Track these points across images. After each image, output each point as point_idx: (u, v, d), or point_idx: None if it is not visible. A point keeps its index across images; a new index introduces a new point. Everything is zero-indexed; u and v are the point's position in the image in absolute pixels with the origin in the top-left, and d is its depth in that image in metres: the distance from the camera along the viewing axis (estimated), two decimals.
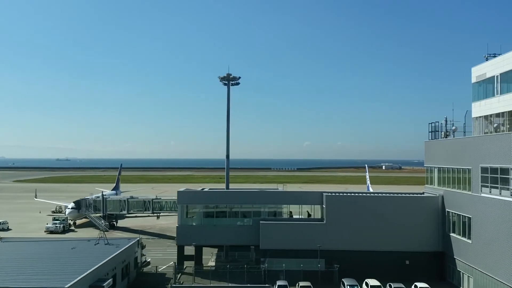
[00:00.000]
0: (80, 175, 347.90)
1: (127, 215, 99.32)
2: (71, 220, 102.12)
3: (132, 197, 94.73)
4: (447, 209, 58.69)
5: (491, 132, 55.52)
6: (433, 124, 65.43)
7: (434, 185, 63.51)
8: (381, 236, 60.46)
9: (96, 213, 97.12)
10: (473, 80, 64.03)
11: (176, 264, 59.96)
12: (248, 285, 54.63)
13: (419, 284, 53.41)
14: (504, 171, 45.63)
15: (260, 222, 61.16)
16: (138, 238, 62.05)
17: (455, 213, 56.58)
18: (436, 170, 62.98)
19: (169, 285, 54.85)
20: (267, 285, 54.23)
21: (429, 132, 66.25)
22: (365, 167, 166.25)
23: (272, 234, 60.70)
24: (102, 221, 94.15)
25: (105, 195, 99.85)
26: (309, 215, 64.41)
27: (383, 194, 66.26)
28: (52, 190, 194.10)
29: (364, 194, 65.92)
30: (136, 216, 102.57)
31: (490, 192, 48.26)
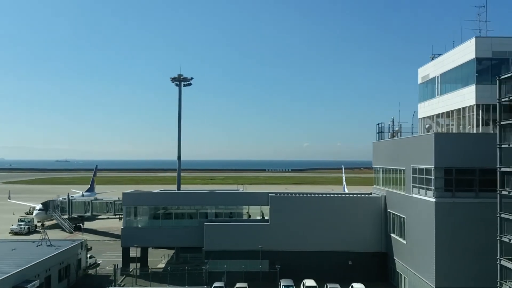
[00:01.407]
0: (72, 177, 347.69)
1: (96, 217, 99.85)
2: (39, 222, 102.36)
3: (96, 199, 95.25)
4: (388, 210, 58.88)
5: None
6: (380, 125, 65.74)
7: (379, 186, 63.74)
8: (326, 236, 60.55)
9: (63, 214, 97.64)
10: (419, 81, 64.49)
11: (117, 266, 59.99)
12: (187, 287, 54.86)
13: (355, 285, 53.57)
14: (428, 171, 45.82)
15: (204, 223, 61.29)
16: (82, 240, 62.27)
17: (394, 214, 56.76)
18: (381, 170, 63.21)
19: (107, 287, 55.06)
20: (205, 286, 54.42)
21: (376, 133, 66.48)
22: (341, 168, 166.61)
23: (216, 235, 60.81)
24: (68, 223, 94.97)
25: (72, 196, 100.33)
26: (249, 216, 64.54)
27: (328, 195, 66.53)
28: (35, 191, 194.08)
29: (309, 195, 66.02)
30: (108, 218, 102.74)
31: (419, 192, 48.48)
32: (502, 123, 40.11)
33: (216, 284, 53.40)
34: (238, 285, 53.71)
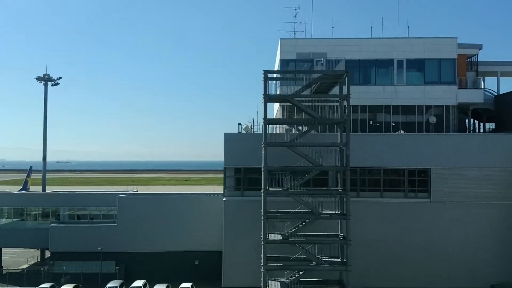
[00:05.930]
0: (53, 178, 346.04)
1: None
2: None
3: None
4: None
5: None
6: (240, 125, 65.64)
7: None
8: (174, 236, 60.26)
9: None
10: None
11: None
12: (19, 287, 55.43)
13: (184, 284, 53.54)
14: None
15: (50, 225, 61.66)
16: None
17: None
18: None
19: None
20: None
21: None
22: None
23: (63, 237, 60.79)
24: None
25: None
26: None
27: (176, 195, 66.71)
28: None
29: (157, 196, 66.11)
30: None
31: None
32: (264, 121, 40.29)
33: (43, 285, 53.34)
34: (65, 286, 53.66)
